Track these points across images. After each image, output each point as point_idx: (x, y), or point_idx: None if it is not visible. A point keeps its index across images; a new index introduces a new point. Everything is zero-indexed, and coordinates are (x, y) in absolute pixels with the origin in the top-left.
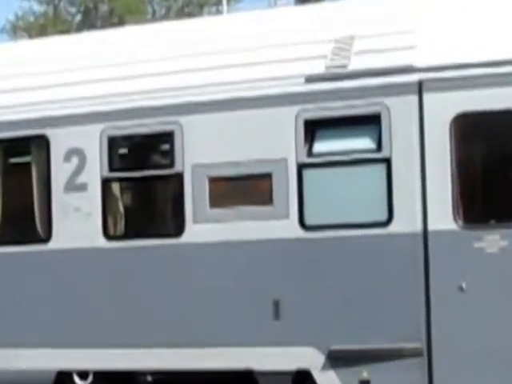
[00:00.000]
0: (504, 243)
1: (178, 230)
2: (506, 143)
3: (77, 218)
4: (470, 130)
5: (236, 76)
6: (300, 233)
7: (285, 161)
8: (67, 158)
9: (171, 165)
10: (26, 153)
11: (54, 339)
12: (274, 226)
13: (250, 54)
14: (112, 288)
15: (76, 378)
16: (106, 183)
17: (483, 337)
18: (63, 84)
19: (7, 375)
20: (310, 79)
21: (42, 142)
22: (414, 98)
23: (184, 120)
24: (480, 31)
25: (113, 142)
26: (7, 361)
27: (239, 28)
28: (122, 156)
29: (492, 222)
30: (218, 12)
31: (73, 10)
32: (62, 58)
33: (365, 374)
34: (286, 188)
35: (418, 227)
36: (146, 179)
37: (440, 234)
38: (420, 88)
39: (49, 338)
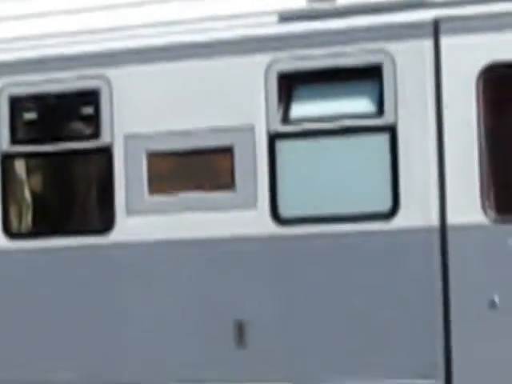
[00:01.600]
0: None
1: (106, 224)
2: None
3: None
4: (505, 86)
5: (184, 12)
6: (272, 228)
7: (251, 129)
8: None
9: (95, 135)
10: None
11: None
12: (236, 218)
13: None
14: (15, 305)
15: None
16: (6, 161)
17: None
18: None
19: None
20: (286, 17)
21: None
22: (429, 44)
23: (112, 73)
24: None
25: (15, 104)
26: None
27: None
28: (29, 123)
29: None
30: None
31: None
32: None
33: None
34: (252, 167)
35: (434, 220)
36: (61, 155)
37: (464, 229)
38: (436, 29)
39: None
